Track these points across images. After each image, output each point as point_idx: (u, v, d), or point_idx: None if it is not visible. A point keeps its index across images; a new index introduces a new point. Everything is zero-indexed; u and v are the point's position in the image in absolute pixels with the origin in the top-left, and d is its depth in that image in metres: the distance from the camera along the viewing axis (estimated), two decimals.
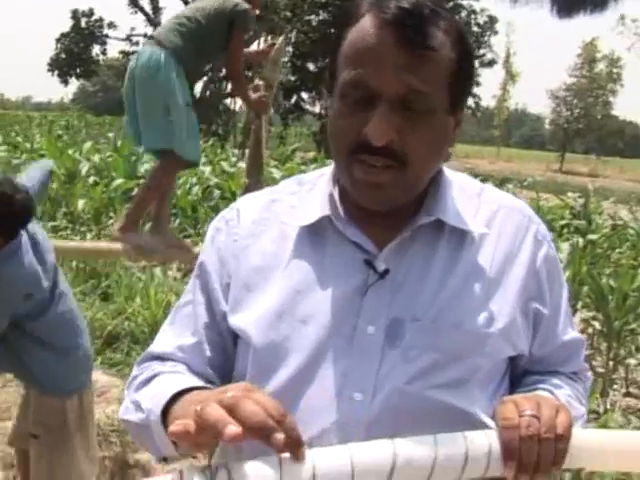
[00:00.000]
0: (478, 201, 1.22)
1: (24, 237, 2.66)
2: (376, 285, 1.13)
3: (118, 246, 4.30)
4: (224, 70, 4.69)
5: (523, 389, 1.20)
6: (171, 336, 1.26)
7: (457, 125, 1.16)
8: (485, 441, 1.00)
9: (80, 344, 2.83)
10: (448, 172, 1.23)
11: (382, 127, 1.05)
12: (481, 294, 1.14)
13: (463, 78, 1.11)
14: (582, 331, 5.98)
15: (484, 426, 1.07)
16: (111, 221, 8.18)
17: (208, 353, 1.22)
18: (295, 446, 0.88)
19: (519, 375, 1.24)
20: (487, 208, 1.21)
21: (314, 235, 1.19)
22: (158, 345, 1.27)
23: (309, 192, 1.24)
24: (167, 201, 4.68)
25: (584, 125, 61.91)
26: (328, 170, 1.25)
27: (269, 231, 1.22)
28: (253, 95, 4.43)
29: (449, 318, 1.12)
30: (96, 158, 11.40)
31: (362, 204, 1.14)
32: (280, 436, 0.86)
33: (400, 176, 1.09)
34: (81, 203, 8.91)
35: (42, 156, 11.43)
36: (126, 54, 34.72)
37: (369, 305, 1.12)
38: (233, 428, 0.84)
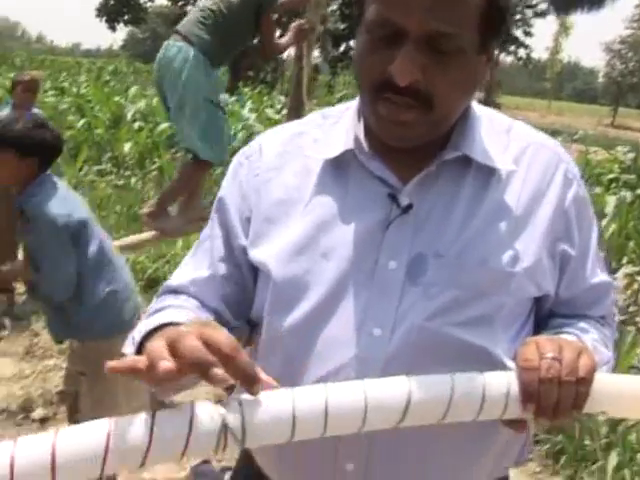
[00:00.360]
0: (507, 137, 1.18)
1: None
2: (399, 220, 1.10)
3: (147, 235, 4.60)
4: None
5: (549, 332, 1.17)
6: (188, 269, 1.26)
7: (489, 61, 1.11)
8: (504, 381, 0.97)
9: (121, 282, 2.85)
10: (477, 107, 1.19)
11: (407, 67, 1.02)
12: (507, 232, 1.11)
13: (495, 17, 1.06)
14: (626, 286, 5.90)
15: (505, 368, 1.05)
16: (155, 165, 8.22)
17: (223, 288, 1.22)
18: (248, 382, 0.86)
19: (545, 317, 1.21)
20: (516, 145, 1.17)
21: (337, 169, 1.16)
22: (175, 278, 1.26)
23: (333, 126, 1.21)
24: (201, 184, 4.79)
25: (639, 79, 60.42)
26: (353, 104, 1.21)
27: (292, 164, 1.20)
28: (289, 35, 4.41)
29: (474, 255, 1.09)
30: (141, 103, 11.44)
31: (386, 141, 1.11)
32: (218, 372, 0.83)
33: (425, 116, 1.06)
34: (126, 147, 8.99)
35: (88, 101, 11.50)
36: (174, 1, 34.63)
37: (391, 240, 1.10)
38: (165, 364, 0.82)
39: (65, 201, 2.72)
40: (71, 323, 2.79)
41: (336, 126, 1.20)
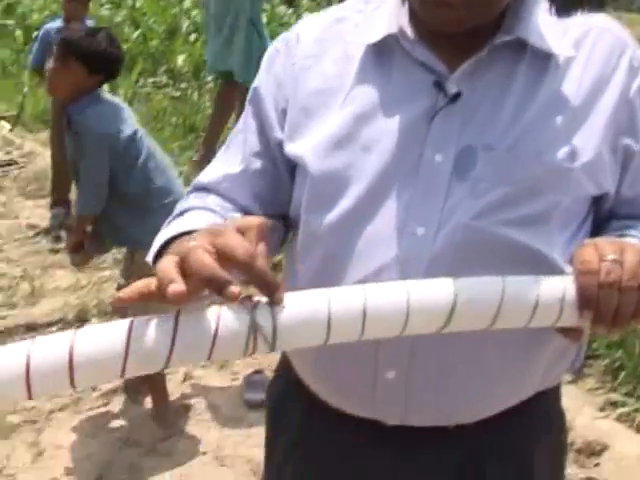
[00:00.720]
0: (567, 21, 1.06)
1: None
2: (446, 110, 1.01)
3: None
4: None
5: (609, 234, 1.07)
6: (220, 165, 1.18)
7: None
8: (559, 285, 0.89)
9: (174, 194, 2.81)
10: None
11: None
12: (564, 124, 1.01)
13: None
14: None
15: (561, 273, 0.97)
16: (210, 77, 8.13)
17: (257, 183, 1.14)
18: (269, 290, 0.79)
19: (604, 219, 1.11)
20: (576, 29, 1.06)
21: (380, 56, 1.06)
22: (206, 175, 1.18)
23: (375, 10, 1.10)
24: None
25: None
26: None
27: (331, 51, 1.10)
28: None
29: (527, 147, 0.99)
30: (196, 15, 11.26)
31: (431, 25, 1.01)
32: (234, 290, 0.75)
33: None
34: (181, 59, 8.90)
35: (144, 14, 11.38)
36: None
37: (437, 131, 1.01)
38: (174, 287, 0.75)
39: (113, 118, 2.73)
40: (122, 232, 2.79)
41: (378, 11, 1.10)
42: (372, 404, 1.09)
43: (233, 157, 1.16)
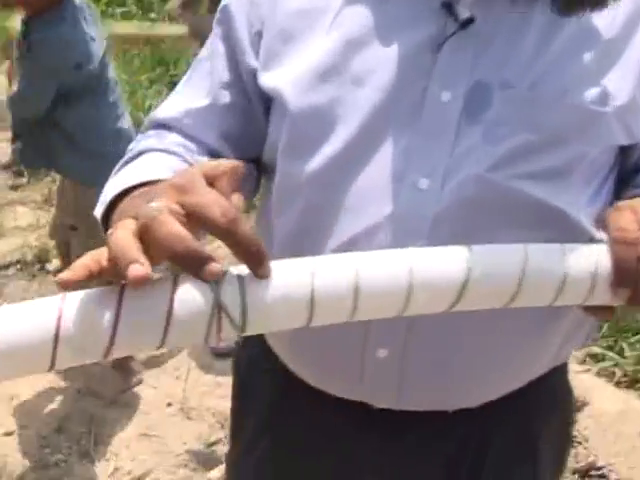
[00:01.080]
0: None
1: (77, 7, 2.52)
2: (456, 37, 0.83)
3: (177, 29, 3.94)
4: None
5: (634, 192, 0.91)
6: (181, 98, 0.99)
7: None
8: (592, 257, 0.73)
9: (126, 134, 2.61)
10: None
11: None
12: (594, 62, 0.84)
13: None
14: None
15: (587, 235, 0.83)
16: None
17: (225, 120, 0.96)
18: (254, 261, 0.61)
19: (629, 172, 0.95)
20: None
21: None
22: (164, 109, 0.99)
23: None
24: None
25: None
26: None
27: None
28: None
29: (552, 86, 0.83)
30: None
31: None
32: (213, 268, 0.58)
33: None
34: None
35: None
36: None
37: (445, 64, 0.84)
38: (137, 269, 0.56)
39: (74, 48, 2.45)
40: (57, 159, 2.62)
41: None
42: (360, 386, 0.95)
43: (198, 89, 0.98)
